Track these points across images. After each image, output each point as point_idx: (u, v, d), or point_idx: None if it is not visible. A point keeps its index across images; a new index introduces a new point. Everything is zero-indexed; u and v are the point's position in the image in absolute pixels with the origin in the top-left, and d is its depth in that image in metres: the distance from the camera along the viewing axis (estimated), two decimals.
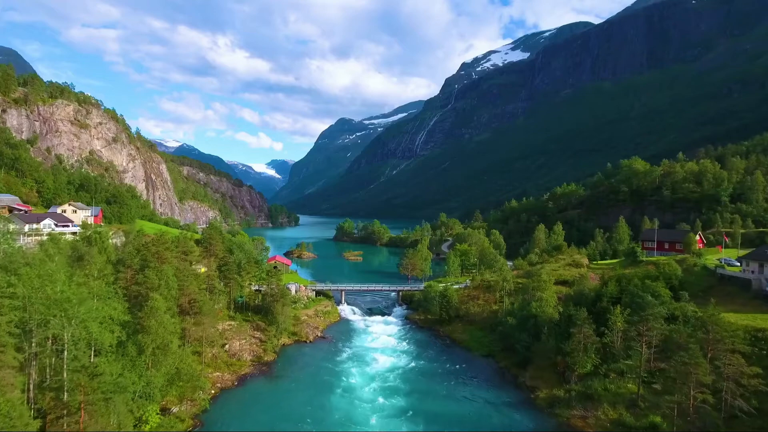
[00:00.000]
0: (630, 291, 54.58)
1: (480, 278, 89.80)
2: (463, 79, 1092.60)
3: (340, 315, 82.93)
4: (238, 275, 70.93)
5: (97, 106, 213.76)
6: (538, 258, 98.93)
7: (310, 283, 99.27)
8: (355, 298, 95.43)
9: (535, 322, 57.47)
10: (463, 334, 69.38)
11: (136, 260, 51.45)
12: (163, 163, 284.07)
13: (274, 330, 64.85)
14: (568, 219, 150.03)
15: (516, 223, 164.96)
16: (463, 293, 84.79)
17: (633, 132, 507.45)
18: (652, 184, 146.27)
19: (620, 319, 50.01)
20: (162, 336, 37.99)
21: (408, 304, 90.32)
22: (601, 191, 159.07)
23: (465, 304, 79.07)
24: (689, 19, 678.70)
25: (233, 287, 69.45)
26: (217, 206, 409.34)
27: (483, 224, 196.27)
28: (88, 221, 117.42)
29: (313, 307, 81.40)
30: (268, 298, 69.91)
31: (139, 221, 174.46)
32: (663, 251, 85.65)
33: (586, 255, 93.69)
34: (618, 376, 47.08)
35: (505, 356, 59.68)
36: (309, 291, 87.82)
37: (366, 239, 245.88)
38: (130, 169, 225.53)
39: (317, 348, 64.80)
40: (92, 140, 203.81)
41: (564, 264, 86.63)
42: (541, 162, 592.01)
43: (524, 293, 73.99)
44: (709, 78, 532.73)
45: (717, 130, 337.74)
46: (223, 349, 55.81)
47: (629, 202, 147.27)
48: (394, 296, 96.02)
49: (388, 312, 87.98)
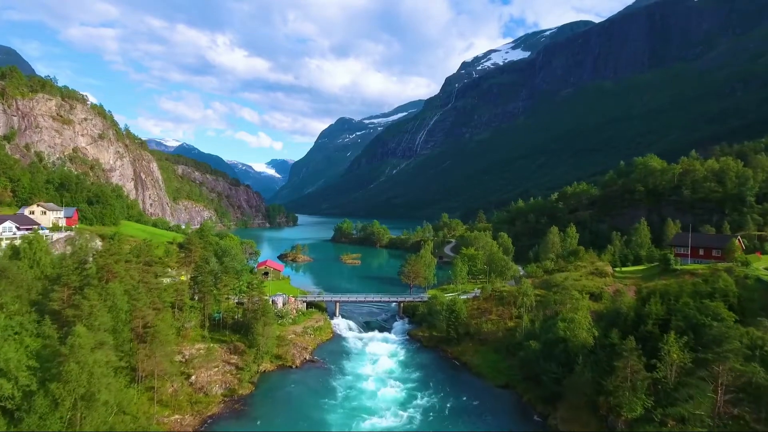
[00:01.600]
0: (682, 312, 44.92)
1: (491, 288, 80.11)
2: (464, 78, 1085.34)
3: (333, 331, 73.10)
4: (214, 288, 61.13)
5: (82, 101, 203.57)
6: (554, 264, 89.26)
7: (301, 292, 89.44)
8: (352, 310, 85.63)
9: (564, 347, 47.75)
10: (474, 356, 59.65)
11: (75, 277, 41.59)
12: (153, 161, 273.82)
13: (254, 354, 55.13)
14: (580, 220, 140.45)
15: (524, 225, 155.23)
16: (473, 306, 75.05)
17: (634, 131, 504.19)
18: (670, 183, 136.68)
19: (675, 348, 40.35)
20: (86, 383, 28.32)
21: (410, 317, 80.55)
22: (614, 191, 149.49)
23: (476, 319, 69.33)
24: (691, 18, 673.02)
25: (208, 302, 59.65)
26: (212, 206, 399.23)
27: (487, 225, 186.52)
28: (59, 223, 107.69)
29: (302, 322, 71.59)
30: (249, 315, 60.18)
31: (126, 222, 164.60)
32: (697, 258, 76.14)
33: (608, 262, 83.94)
34: (678, 423, 37.42)
35: (528, 388, 49.99)
36: (299, 303, 78.03)
37: (365, 240, 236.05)
38: (117, 167, 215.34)
39: (305, 375, 55.01)
40: (76, 137, 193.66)
41: (586, 272, 76.91)
42: (541, 161, 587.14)
43: (545, 307, 64.36)
44: (710, 77, 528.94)
45: (720, 129, 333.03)
46: (188, 382, 46.02)
47: (645, 202, 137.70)
48: (394, 307, 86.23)
49: (387, 327, 78.16)
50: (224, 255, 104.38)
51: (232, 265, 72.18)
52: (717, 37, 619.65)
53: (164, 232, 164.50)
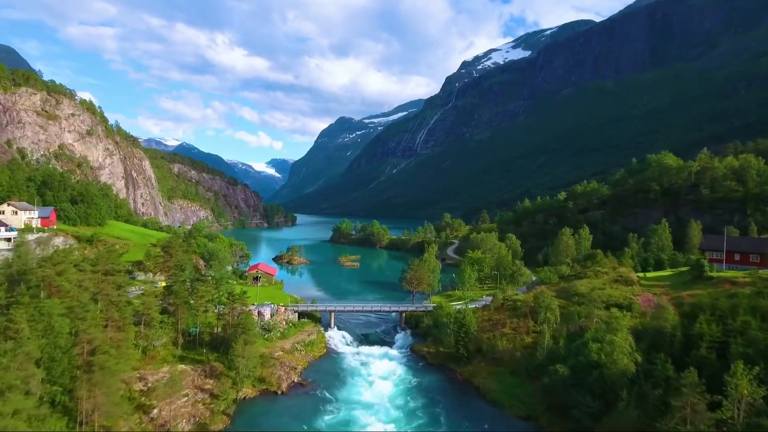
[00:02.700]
0: (745, 334, 37.21)
1: (502, 297, 72.24)
2: (464, 77, 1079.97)
3: (326, 346, 65.18)
4: (190, 298, 53.30)
5: (69, 97, 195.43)
6: (570, 270, 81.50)
7: (292, 300, 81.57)
8: (348, 320, 77.77)
9: (600, 374, 39.99)
10: (489, 379, 51.82)
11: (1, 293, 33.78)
12: (146, 159, 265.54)
13: (232, 377, 47.31)
14: (591, 221, 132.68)
15: (531, 225, 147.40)
16: (483, 316, 67.21)
17: (635, 131, 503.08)
18: (686, 182, 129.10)
19: (745, 382, 32.65)
20: None
21: (413, 329, 72.65)
22: (626, 190, 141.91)
23: (487, 333, 61.49)
24: (692, 17, 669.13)
25: (182, 315, 51.81)
26: (209, 205, 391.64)
27: (492, 225, 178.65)
28: (33, 224, 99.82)
29: (293, 336, 63.74)
30: (230, 330, 52.38)
31: (113, 222, 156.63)
32: (732, 264, 68.46)
33: (632, 267, 76.16)
34: None
35: (554, 420, 42.19)
36: (290, 313, 70.17)
37: (365, 241, 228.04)
38: (107, 165, 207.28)
39: (290, 404, 47.12)
40: (63, 133, 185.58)
41: (608, 280, 69.09)
42: (542, 161, 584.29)
43: (567, 321, 56.58)
44: (712, 76, 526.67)
45: (722, 129, 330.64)
46: (148, 417, 38.15)
47: (661, 202, 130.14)
48: (395, 317, 78.39)
49: (388, 340, 70.28)
50: (211, 258, 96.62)
51: (210, 273, 63.50)
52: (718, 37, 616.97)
53: (154, 233, 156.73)
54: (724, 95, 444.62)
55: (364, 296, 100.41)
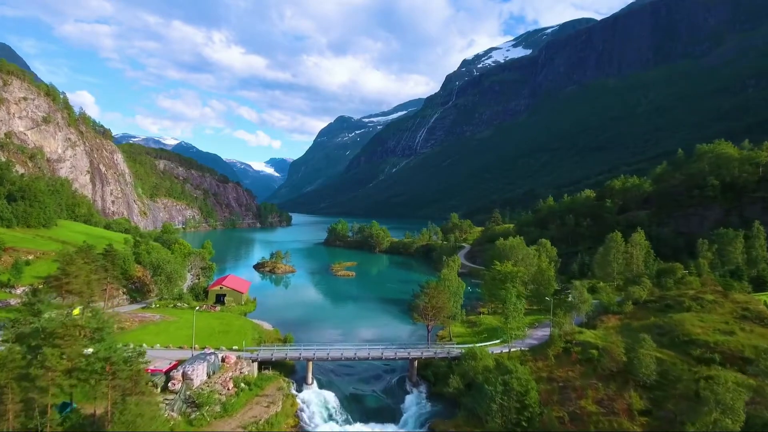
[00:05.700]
0: None
1: (560, 334, 48.34)
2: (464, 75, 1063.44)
3: (299, 421, 41.06)
4: (29, 369, 28.55)
5: (21, 78, 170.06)
6: (648, 294, 57.75)
7: (254, 337, 57.16)
8: (335, 370, 53.60)
9: None
10: None
11: None
12: (118, 152, 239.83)
13: None
14: (633, 222, 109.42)
15: (561, 228, 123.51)
16: (536, 369, 43.57)
17: (641, 129, 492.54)
18: (753, 176, 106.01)
19: None
20: None
21: (431, 385, 48.62)
22: (673, 186, 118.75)
23: (555, 406, 37.76)
24: (697, 13, 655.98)
25: (12, 401, 27.49)
26: (196, 204, 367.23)
27: (508, 227, 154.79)
28: None
29: (241, 408, 39.58)
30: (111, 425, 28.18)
31: (65, 223, 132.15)
32: None
33: (745, 291, 52.40)
34: None
35: None
36: (244, 365, 45.93)
37: (362, 244, 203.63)
38: (67, 157, 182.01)
39: None
40: (11, 119, 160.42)
41: (728, 313, 45.49)
42: (544, 160, 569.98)
43: (695, 396, 32.67)
44: (719, 73, 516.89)
45: (733, 126, 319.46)
46: None
47: (720, 199, 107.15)
48: (402, 364, 54.25)
49: (393, 406, 45.90)
50: (155, 272, 72.39)
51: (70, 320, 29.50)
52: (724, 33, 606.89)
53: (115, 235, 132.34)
54: (732, 92, 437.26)
55: (359, 323, 76.43)
